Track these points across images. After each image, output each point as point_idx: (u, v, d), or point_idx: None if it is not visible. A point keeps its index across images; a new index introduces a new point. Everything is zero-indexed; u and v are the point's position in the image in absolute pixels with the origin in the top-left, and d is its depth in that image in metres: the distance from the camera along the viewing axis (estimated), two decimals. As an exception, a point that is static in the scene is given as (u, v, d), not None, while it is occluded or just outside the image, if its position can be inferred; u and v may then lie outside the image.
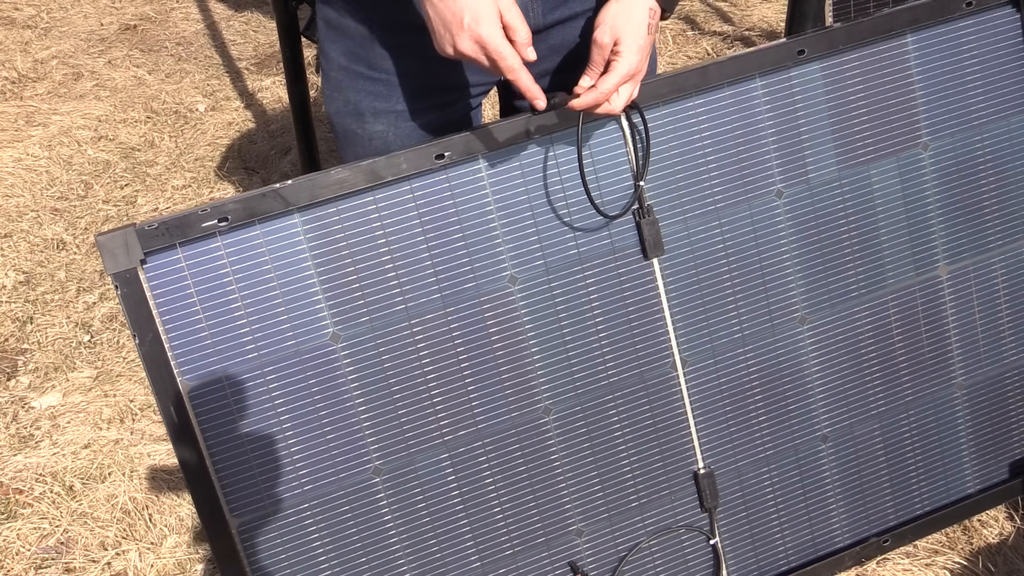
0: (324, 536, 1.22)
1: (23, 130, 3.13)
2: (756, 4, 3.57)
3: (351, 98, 1.26)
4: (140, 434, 1.96)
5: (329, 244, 1.14)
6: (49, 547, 1.74)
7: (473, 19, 1.01)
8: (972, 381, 1.44)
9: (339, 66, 1.26)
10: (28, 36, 3.78)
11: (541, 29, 1.21)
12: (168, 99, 3.27)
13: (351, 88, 1.26)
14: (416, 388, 1.21)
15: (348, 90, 1.26)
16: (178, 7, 3.98)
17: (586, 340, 1.25)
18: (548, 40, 1.23)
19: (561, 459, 1.28)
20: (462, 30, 1.02)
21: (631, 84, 1.11)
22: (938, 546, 1.55)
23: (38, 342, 2.24)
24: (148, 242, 1.08)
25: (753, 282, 1.30)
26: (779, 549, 1.41)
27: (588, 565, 1.33)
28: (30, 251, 2.56)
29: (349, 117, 1.28)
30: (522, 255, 1.20)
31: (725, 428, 1.34)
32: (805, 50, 1.25)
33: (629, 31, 1.09)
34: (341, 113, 1.28)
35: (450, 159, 1.15)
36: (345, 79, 1.26)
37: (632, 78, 1.11)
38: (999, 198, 1.38)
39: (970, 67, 1.33)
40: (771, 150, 1.27)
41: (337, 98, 1.28)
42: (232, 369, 1.14)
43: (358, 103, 1.26)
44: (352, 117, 1.27)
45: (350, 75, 1.25)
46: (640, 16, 1.09)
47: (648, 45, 1.10)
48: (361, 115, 1.26)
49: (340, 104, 1.28)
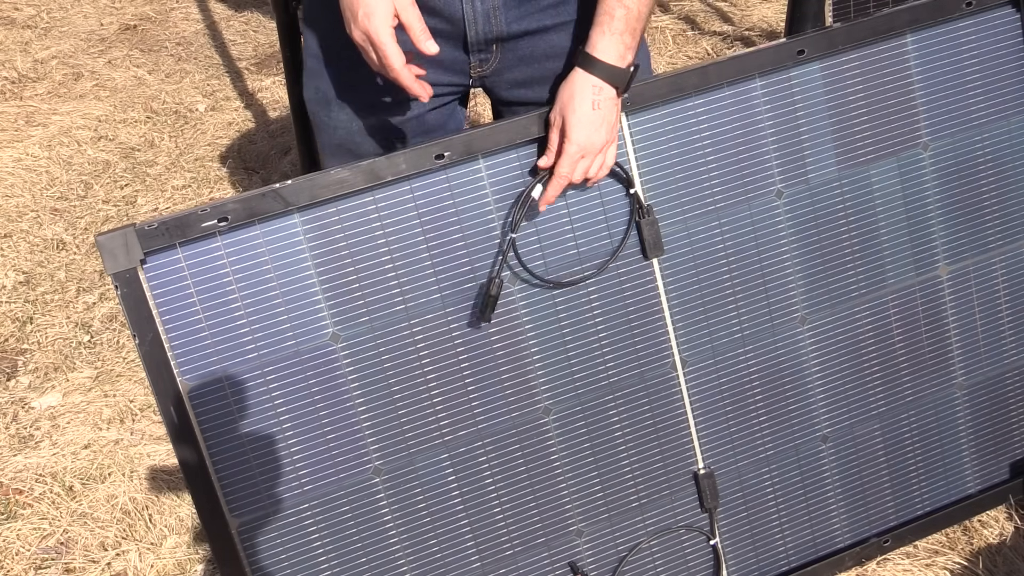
0: (324, 536, 1.22)
1: (23, 130, 3.13)
2: (756, 4, 3.57)
3: (321, 86, 1.29)
4: (140, 434, 1.96)
5: (329, 244, 1.14)
6: (49, 547, 1.74)
7: (365, 13, 1.07)
8: (972, 381, 1.44)
9: (313, 54, 1.28)
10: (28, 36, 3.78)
11: (507, 38, 1.21)
12: (168, 99, 3.27)
13: (321, 76, 1.28)
14: (416, 388, 1.21)
15: (318, 78, 1.28)
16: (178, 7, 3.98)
17: (586, 340, 1.25)
18: (517, 50, 1.23)
19: (561, 459, 1.28)
20: (355, 21, 1.08)
21: (587, 159, 1.13)
22: (938, 546, 1.55)
23: (38, 342, 2.24)
24: (148, 242, 1.08)
25: (753, 282, 1.30)
26: (779, 549, 1.41)
27: (588, 565, 1.33)
28: (30, 251, 2.56)
29: (318, 104, 1.30)
30: (522, 255, 1.20)
31: (725, 428, 1.34)
32: (805, 50, 1.25)
33: (574, 108, 1.12)
34: (312, 100, 1.32)
35: (450, 159, 1.15)
36: (317, 67, 1.28)
37: (587, 154, 1.13)
38: (999, 198, 1.38)
39: (970, 67, 1.33)
40: (771, 150, 1.27)
41: (310, 85, 1.31)
42: (232, 369, 1.14)
43: (326, 91, 1.28)
44: (320, 105, 1.30)
45: (322, 63, 1.28)
46: (584, 94, 1.12)
47: (599, 121, 1.12)
48: (328, 104, 1.28)
49: (312, 92, 1.31)
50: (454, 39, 1.21)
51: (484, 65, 1.24)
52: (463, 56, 1.23)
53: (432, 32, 1.10)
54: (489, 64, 1.24)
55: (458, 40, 1.21)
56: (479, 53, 1.23)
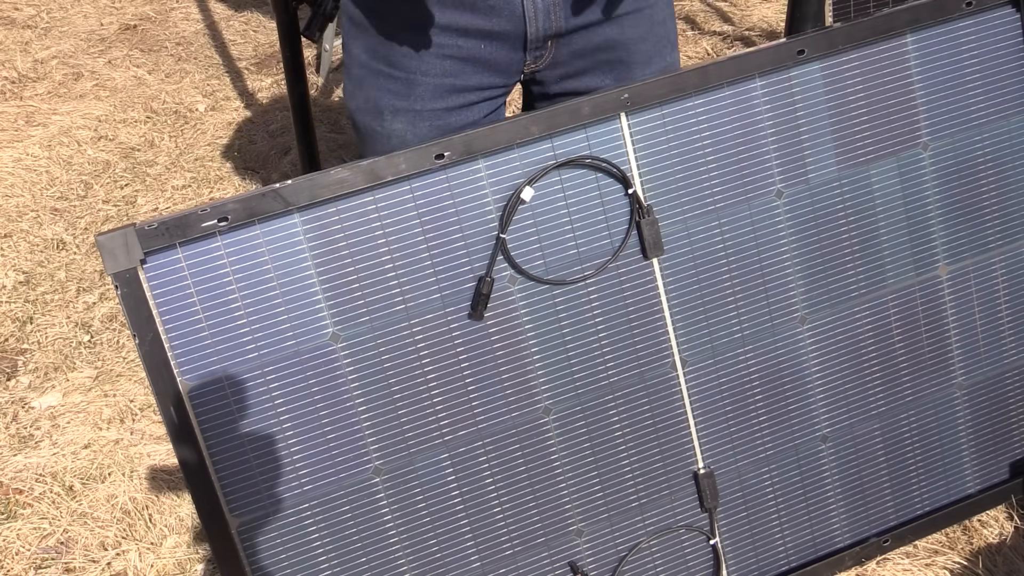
0: (324, 536, 1.22)
1: (23, 130, 3.13)
2: (756, 4, 3.57)
3: (371, 95, 1.27)
4: (140, 434, 1.96)
5: (329, 244, 1.14)
6: (49, 547, 1.74)
7: None
8: (972, 381, 1.44)
9: (360, 63, 1.27)
10: (28, 36, 3.78)
11: (564, 33, 1.21)
12: (168, 99, 3.27)
13: (372, 86, 1.26)
14: (416, 388, 1.21)
15: (369, 87, 1.27)
16: (178, 7, 3.98)
17: (586, 340, 1.25)
18: (571, 45, 1.23)
19: (561, 459, 1.28)
20: None
21: None
22: (938, 546, 1.55)
23: (38, 342, 2.24)
24: (148, 242, 1.08)
25: (753, 282, 1.30)
26: (779, 549, 1.41)
27: (588, 565, 1.33)
28: (30, 251, 2.56)
29: (369, 115, 1.28)
30: (522, 254, 1.20)
31: (725, 428, 1.34)
32: (805, 50, 1.25)
33: None
34: (361, 110, 1.29)
35: (450, 159, 1.15)
36: (366, 76, 1.26)
37: None
38: (999, 198, 1.38)
39: (970, 67, 1.33)
40: (771, 150, 1.27)
41: (358, 95, 1.29)
42: (232, 369, 1.14)
43: (378, 100, 1.26)
44: (372, 115, 1.28)
45: (371, 72, 1.26)
46: None
47: None
48: (380, 113, 1.27)
49: (361, 101, 1.29)
50: (512, 39, 1.21)
51: (538, 62, 1.25)
52: (520, 55, 1.23)
53: (489, 34, 1.09)
54: (542, 60, 1.24)
55: (517, 40, 1.21)
56: (535, 51, 1.23)
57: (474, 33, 1.23)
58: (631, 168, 1.22)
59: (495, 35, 1.16)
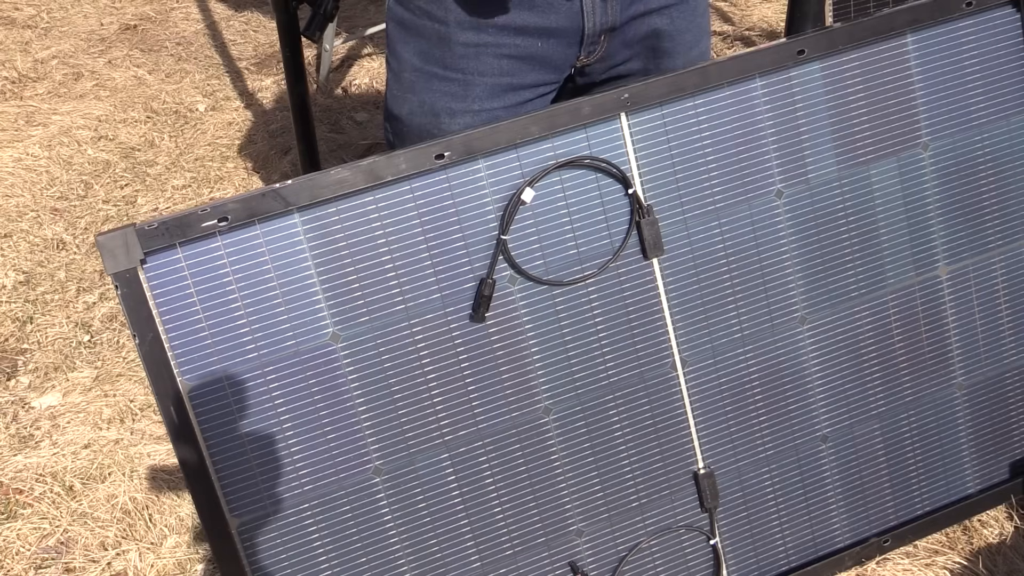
0: (324, 536, 1.22)
1: (23, 130, 3.13)
2: (756, 4, 3.57)
3: (426, 99, 1.27)
4: (140, 434, 1.96)
5: (329, 244, 1.14)
6: (49, 547, 1.74)
7: None
8: (972, 381, 1.44)
9: (412, 67, 1.26)
10: (28, 36, 3.78)
11: (618, 26, 1.22)
12: (168, 99, 3.27)
13: (425, 89, 1.26)
14: (416, 388, 1.21)
15: (423, 91, 1.26)
16: (178, 7, 3.98)
17: (586, 340, 1.25)
18: (622, 36, 1.24)
19: (561, 459, 1.28)
20: None
21: None
22: (938, 546, 1.55)
23: (38, 342, 2.24)
24: (148, 242, 1.08)
25: (753, 282, 1.30)
26: (779, 549, 1.41)
27: (588, 565, 1.33)
28: (30, 251, 2.56)
29: (424, 117, 1.28)
30: (522, 255, 1.20)
31: (725, 428, 1.34)
32: (805, 50, 1.25)
33: None
34: (415, 114, 1.29)
35: (450, 159, 1.15)
36: (419, 80, 1.26)
37: None
38: (999, 198, 1.38)
39: (970, 67, 1.33)
40: (771, 150, 1.27)
41: (411, 99, 1.28)
42: (232, 369, 1.14)
43: (433, 104, 1.26)
44: (428, 117, 1.28)
45: (424, 76, 1.25)
46: None
47: None
48: (437, 115, 1.27)
49: (414, 105, 1.28)
50: (569, 35, 1.21)
51: (590, 56, 1.25)
52: (575, 51, 1.23)
53: (546, 31, 1.09)
54: (595, 54, 1.25)
55: (573, 36, 1.21)
56: (590, 46, 1.23)
57: (531, 31, 1.23)
58: (631, 168, 1.22)
59: (552, 32, 1.16)
